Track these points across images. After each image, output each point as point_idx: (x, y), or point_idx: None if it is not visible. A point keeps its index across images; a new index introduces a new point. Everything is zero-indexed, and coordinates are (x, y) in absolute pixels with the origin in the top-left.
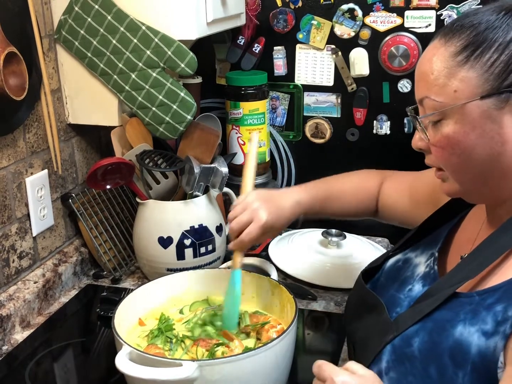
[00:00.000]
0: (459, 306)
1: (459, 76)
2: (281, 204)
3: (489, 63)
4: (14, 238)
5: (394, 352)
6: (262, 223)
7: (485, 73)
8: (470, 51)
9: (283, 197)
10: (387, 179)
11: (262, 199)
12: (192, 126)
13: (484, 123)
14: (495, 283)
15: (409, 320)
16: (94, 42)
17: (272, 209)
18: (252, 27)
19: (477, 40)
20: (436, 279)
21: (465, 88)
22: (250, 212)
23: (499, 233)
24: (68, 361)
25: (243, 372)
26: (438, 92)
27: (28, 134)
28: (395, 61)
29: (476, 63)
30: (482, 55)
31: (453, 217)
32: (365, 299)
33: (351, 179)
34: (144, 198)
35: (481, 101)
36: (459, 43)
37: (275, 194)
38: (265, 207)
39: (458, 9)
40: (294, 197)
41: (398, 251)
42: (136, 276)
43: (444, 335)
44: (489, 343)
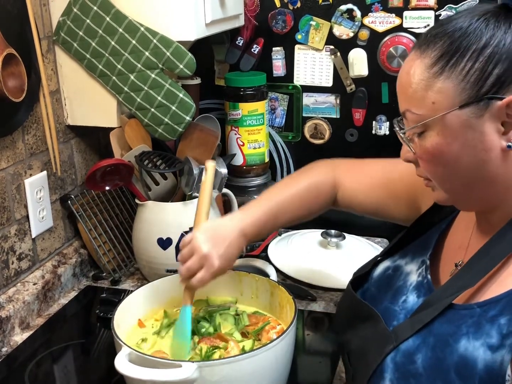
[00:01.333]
0: (460, 319)
1: (436, 87)
2: (228, 241)
3: (464, 72)
4: (13, 239)
5: (397, 370)
6: (213, 270)
7: (461, 82)
8: (444, 61)
9: (228, 231)
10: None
11: (210, 241)
12: (191, 127)
13: (466, 132)
14: (494, 293)
15: (408, 330)
16: (93, 43)
17: (222, 252)
18: (250, 28)
19: (450, 49)
20: (430, 289)
21: (443, 99)
22: (199, 259)
23: (494, 241)
24: (67, 362)
25: (242, 373)
26: (418, 105)
27: (27, 136)
28: (394, 61)
29: (451, 73)
30: (457, 64)
31: (441, 220)
32: (358, 309)
33: (297, 183)
34: (143, 199)
35: (460, 110)
36: (433, 54)
37: (222, 229)
38: (214, 250)
39: (456, 9)
40: (240, 228)
41: (386, 257)
42: (136, 277)
43: (448, 351)
44: (496, 357)
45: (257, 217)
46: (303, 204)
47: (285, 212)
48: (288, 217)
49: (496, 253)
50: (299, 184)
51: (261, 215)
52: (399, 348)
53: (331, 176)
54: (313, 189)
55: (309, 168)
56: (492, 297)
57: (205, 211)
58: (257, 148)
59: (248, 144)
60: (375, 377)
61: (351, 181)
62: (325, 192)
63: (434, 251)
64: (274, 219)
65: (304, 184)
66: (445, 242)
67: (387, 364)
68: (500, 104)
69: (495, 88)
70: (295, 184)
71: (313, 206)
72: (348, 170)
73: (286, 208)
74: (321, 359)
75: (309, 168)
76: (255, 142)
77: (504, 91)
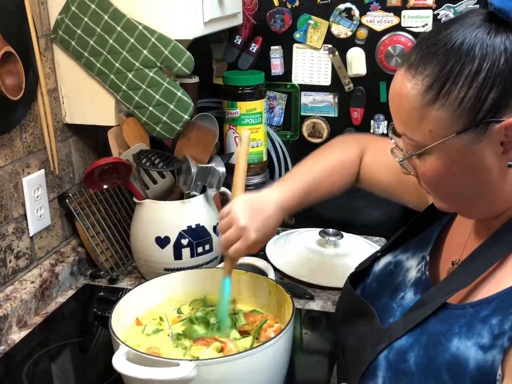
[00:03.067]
0: (453, 319)
1: (431, 116)
2: (266, 214)
3: (459, 99)
4: (11, 238)
5: (390, 368)
6: (250, 242)
7: (457, 109)
8: (437, 88)
9: (268, 204)
10: (368, 149)
11: (248, 213)
12: (189, 126)
13: (464, 156)
14: (487, 294)
15: (401, 328)
16: (91, 41)
17: (259, 224)
18: (249, 26)
19: (442, 75)
20: (427, 286)
21: (439, 127)
22: (237, 230)
23: (490, 242)
24: (65, 361)
25: (240, 371)
26: (414, 132)
27: (25, 134)
28: (392, 60)
29: (446, 100)
30: (450, 91)
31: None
32: (355, 306)
33: (326, 158)
34: (141, 198)
35: (457, 137)
36: (425, 80)
37: (261, 202)
38: (252, 223)
39: (455, 8)
40: (278, 203)
41: (387, 251)
42: (133, 276)
43: (440, 349)
44: (487, 357)
45: (294, 191)
46: (336, 179)
47: (319, 187)
48: (322, 192)
49: (491, 254)
50: (330, 159)
51: (298, 189)
52: (392, 346)
53: (357, 149)
54: (343, 163)
55: (337, 142)
56: (484, 297)
57: (241, 181)
58: (255, 147)
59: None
60: (368, 374)
61: (370, 159)
62: (353, 166)
63: (435, 247)
64: (309, 194)
65: (335, 159)
66: (446, 238)
67: (380, 362)
68: (498, 127)
69: (492, 112)
70: (326, 159)
71: (344, 181)
72: (370, 147)
73: (318, 183)
74: (319, 358)
75: (336, 142)
76: (253, 141)
77: (501, 114)
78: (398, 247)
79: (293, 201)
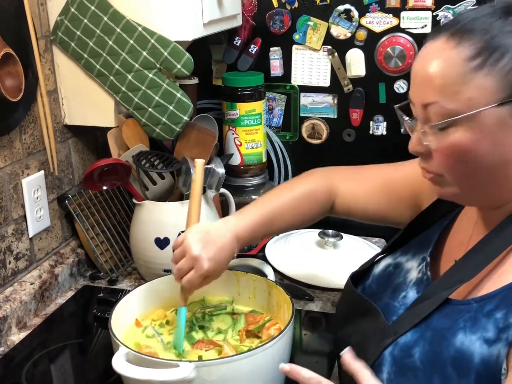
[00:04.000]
0: (457, 314)
1: (474, 82)
2: (220, 244)
3: (506, 69)
4: (10, 239)
5: (395, 363)
6: (202, 272)
7: (503, 79)
8: (485, 56)
9: (221, 235)
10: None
11: (201, 243)
12: (188, 127)
13: (497, 130)
14: (491, 288)
15: (406, 323)
16: (91, 43)
17: (212, 254)
18: (248, 28)
19: (491, 45)
20: (429, 285)
21: (481, 95)
22: (190, 260)
23: (492, 235)
24: (65, 362)
25: (240, 372)
26: (450, 99)
27: (25, 135)
28: (391, 62)
29: (493, 68)
30: (499, 60)
31: (442, 216)
32: (358, 304)
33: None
34: (140, 199)
35: (497, 108)
36: (472, 47)
37: (214, 232)
38: (205, 252)
39: (454, 9)
40: (232, 233)
41: (387, 254)
42: (133, 277)
43: (445, 344)
44: (492, 351)
45: (251, 222)
46: (298, 211)
47: (279, 219)
48: (283, 224)
49: (493, 247)
50: (294, 191)
51: (255, 220)
52: (397, 342)
53: (327, 184)
54: (307, 196)
55: (304, 176)
56: (488, 292)
57: (196, 211)
58: (255, 148)
59: (245, 144)
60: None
61: (350, 188)
62: (320, 200)
63: (435, 249)
64: (268, 225)
65: (299, 192)
66: (446, 240)
67: (385, 358)
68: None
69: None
70: (290, 191)
71: (307, 214)
72: (346, 178)
73: (280, 215)
74: (318, 359)
75: (304, 175)
76: (253, 142)
77: None
78: (397, 249)
79: (248, 232)
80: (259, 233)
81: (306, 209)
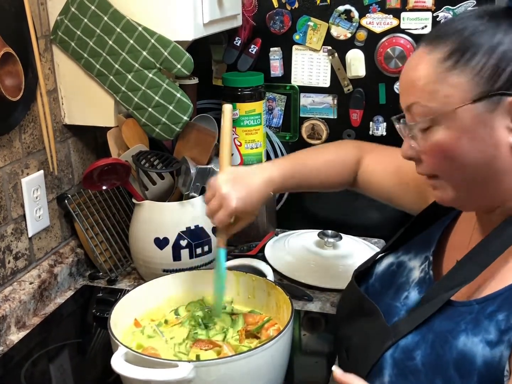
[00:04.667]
0: (459, 316)
1: (449, 81)
2: (251, 184)
3: (479, 67)
4: (9, 238)
5: (396, 366)
6: (230, 210)
7: (475, 77)
8: (457, 56)
9: (254, 176)
10: (367, 154)
11: (231, 182)
12: (188, 127)
13: (476, 127)
14: (492, 290)
15: (407, 326)
16: (91, 42)
17: (242, 192)
18: (248, 28)
19: (463, 45)
20: (431, 285)
21: (456, 93)
22: (218, 198)
23: (492, 237)
24: (64, 362)
25: (239, 373)
26: (429, 98)
27: (24, 135)
28: (391, 62)
29: (466, 67)
30: (471, 59)
31: (444, 215)
32: (360, 304)
33: (326, 152)
34: (140, 199)
35: (472, 105)
36: (446, 49)
37: (246, 174)
38: (234, 191)
39: (454, 10)
40: (265, 175)
41: (389, 252)
42: (132, 277)
43: (447, 347)
44: (495, 353)
45: (285, 169)
46: (329, 173)
47: (310, 175)
48: (312, 182)
49: (493, 248)
50: (328, 154)
51: (289, 169)
52: (398, 344)
53: (355, 155)
54: (339, 161)
55: (338, 143)
56: (490, 293)
57: (227, 155)
58: (255, 148)
59: (245, 144)
60: (374, 372)
61: (372, 163)
62: (349, 167)
63: (438, 248)
64: (299, 178)
65: (333, 155)
66: (449, 239)
67: (386, 360)
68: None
69: (508, 84)
70: (325, 152)
71: (337, 177)
72: (371, 152)
73: (311, 172)
74: (318, 359)
75: (338, 143)
76: (253, 142)
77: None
78: (399, 247)
79: (282, 178)
80: (290, 183)
81: (336, 172)
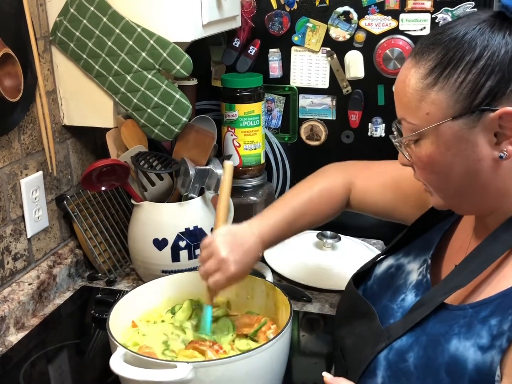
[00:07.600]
0: (452, 319)
1: (430, 98)
2: (246, 247)
3: (458, 84)
4: (8, 239)
5: (389, 368)
6: (229, 274)
7: (455, 93)
8: (438, 72)
9: (247, 237)
10: (357, 175)
11: (229, 246)
12: (187, 128)
13: (458, 142)
14: (487, 295)
15: (400, 328)
16: (90, 43)
17: (239, 255)
18: (247, 29)
19: (444, 60)
20: (428, 288)
21: (436, 110)
22: (217, 262)
23: (488, 242)
24: (62, 363)
25: (238, 373)
26: (412, 115)
27: (23, 136)
28: (390, 63)
29: (445, 84)
30: (450, 75)
31: (444, 218)
32: (357, 305)
33: (310, 188)
34: (139, 199)
35: (452, 122)
36: (428, 64)
37: (240, 234)
38: (232, 255)
39: (453, 12)
40: (257, 236)
41: (389, 254)
42: (131, 277)
43: (439, 350)
44: (486, 358)
45: (274, 224)
46: (319, 209)
47: (300, 218)
48: (304, 223)
49: (489, 254)
50: (313, 190)
51: (278, 222)
52: (392, 346)
53: (343, 178)
54: (327, 193)
55: (321, 172)
56: (484, 298)
57: (224, 212)
58: (253, 149)
59: (244, 145)
60: (368, 373)
61: (363, 182)
62: (339, 195)
63: (437, 251)
64: (290, 226)
65: (318, 189)
66: (448, 243)
67: (379, 361)
68: (492, 116)
69: (488, 99)
70: (309, 189)
71: (328, 210)
72: (360, 171)
73: (302, 215)
74: (316, 360)
75: (321, 172)
76: (251, 143)
77: (496, 102)
78: (399, 250)
79: (272, 235)
80: (282, 235)
81: (326, 206)
